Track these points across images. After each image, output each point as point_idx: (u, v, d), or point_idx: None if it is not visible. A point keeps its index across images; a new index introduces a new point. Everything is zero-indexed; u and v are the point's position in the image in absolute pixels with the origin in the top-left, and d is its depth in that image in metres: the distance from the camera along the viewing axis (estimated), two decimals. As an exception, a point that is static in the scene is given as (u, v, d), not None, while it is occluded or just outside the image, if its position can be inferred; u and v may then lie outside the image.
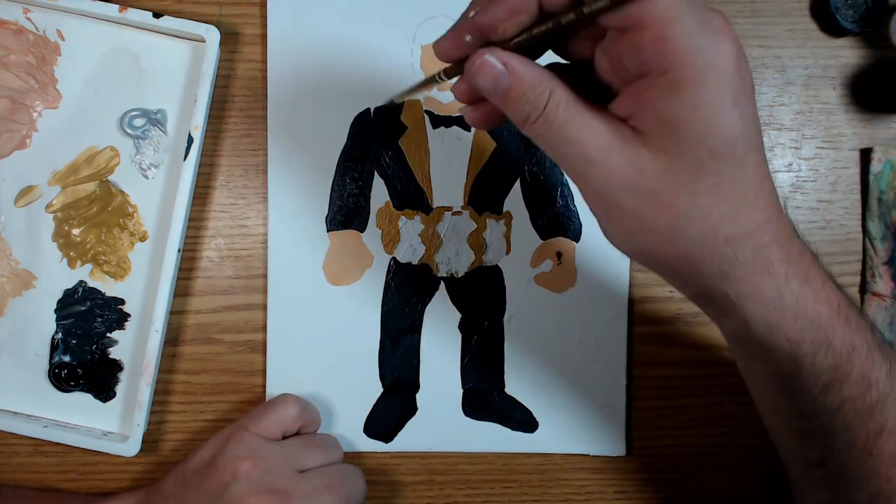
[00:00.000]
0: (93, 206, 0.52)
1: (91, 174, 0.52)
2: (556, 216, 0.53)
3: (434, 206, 0.53)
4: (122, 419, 0.52)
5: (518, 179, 0.53)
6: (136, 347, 0.52)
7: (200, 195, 0.53)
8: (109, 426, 0.52)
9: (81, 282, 0.52)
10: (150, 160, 0.52)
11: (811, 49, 0.55)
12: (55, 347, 0.52)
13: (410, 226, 0.53)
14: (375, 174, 0.53)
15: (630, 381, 0.54)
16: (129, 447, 0.50)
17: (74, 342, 0.52)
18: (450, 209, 0.53)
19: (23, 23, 0.51)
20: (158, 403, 0.52)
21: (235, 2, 0.53)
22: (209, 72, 0.50)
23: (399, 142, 0.53)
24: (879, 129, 0.55)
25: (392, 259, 0.53)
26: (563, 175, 0.53)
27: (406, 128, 0.53)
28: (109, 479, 0.53)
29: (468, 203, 0.53)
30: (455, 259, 0.53)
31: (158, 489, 0.49)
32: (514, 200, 0.53)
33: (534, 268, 0.53)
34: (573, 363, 0.53)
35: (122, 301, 0.52)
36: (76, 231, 0.52)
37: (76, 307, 0.52)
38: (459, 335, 0.53)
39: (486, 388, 0.53)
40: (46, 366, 0.52)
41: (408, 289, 0.53)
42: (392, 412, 0.53)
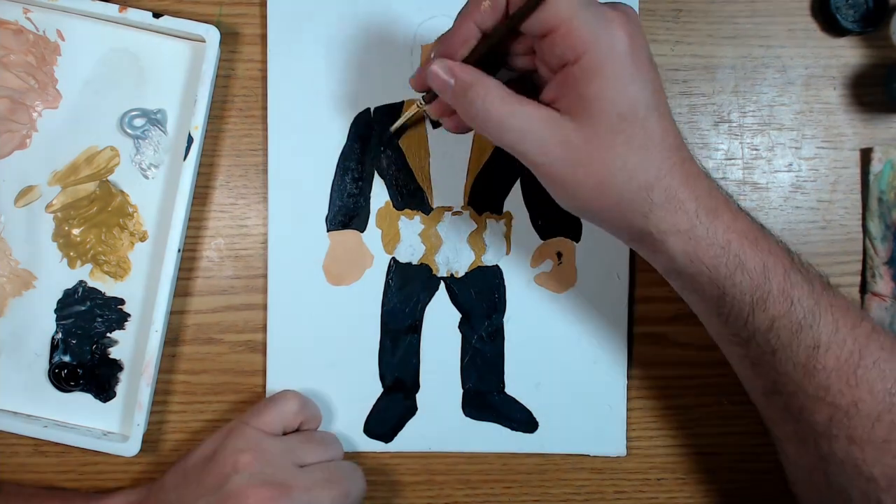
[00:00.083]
0: (93, 206, 0.52)
1: (91, 174, 0.52)
2: (556, 216, 0.53)
3: (434, 206, 0.53)
4: (122, 419, 0.52)
5: (518, 179, 0.53)
6: (136, 347, 0.52)
7: (200, 195, 0.53)
8: (109, 426, 0.52)
9: (81, 282, 0.52)
10: (150, 160, 0.52)
11: (812, 49, 0.55)
12: (55, 347, 0.52)
13: (410, 226, 0.53)
14: (375, 174, 0.53)
15: (631, 378, 0.54)
16: (129, 447, 0.50)
17: (74, 342, 0.52)
18: (450, 209, 0.53)
19: (23, 23, 0.51)
20: (158, 403, 0.52)
21: (235, 2, 0.53)
22: (209, 72, 0.50)
23: (399, 142, 0.53)
24: (880, 129, 0.55)
25: (392, 259, 0.53)
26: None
27: (406, 128, 0.53)
28: (109, 479, 0.53)
29: (468, 203, 0.53)
30: (455, 259, 0.53)
31: (159, 485, 0.49)
32: (514, 200, 0.53)
33: (534, 268, 0.53)
34: (573, 363, 0.53)
35: (122, 301, 0.52)
36: (76, 231, 0.52)
37: (76, 307, 0.52)
38: (459, 335, 0.53)
39: (486, 388, 0.53)
40: (46, 366, 0.52)
41: (408, 289, 0.53)
42: (392, 412, 0.53)
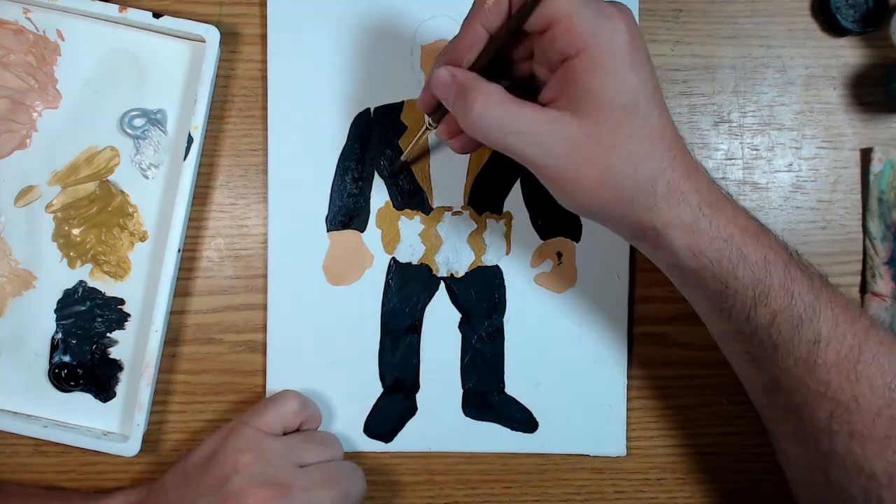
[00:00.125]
0: (93, 206, 0.52)
1: (91, 174, 0.52)
2: (556, 216, 0.53)
3: (434, 206, 0.53)
4: (122, 419, 0.52)
5: (518, 179, 0.53)
6: (136, 347, 0.52)
7: (200, 195, 0.53)
8: (109, 426, 0.52)
9: (81, 282, 0.52)
10: (150, 160, 0.52)
11: (812, 49, 0.55)
12: (55, 347, 0.52)
13: (410, 226, 0.53)
14: (375, 174, 0.53)
15: (631, 378, 0.54)
16: (129, 447, 0.50)
17: (74, 342, 0.52)
18: (450, 209, 0.53)
19: (23, 23, 0.51)
20: (158, 403, 0.52)
21: (235, 2, 0.53)
22: (209, 72, 0.50)
23: (399, 142, 0.53)
24: (880, 129, 0.55)
25: (392, 259, 0.53)
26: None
27: (406, 127, 0.53)
28: (109, 479, 0.53)
29: (468, 203, 0.53)
30: (455, 259, 0.53)
31: (159, 485, 0.49)
32: (514, 200, 0.53)
33: (534, 268, 0.53)
34: (573, 363, 0.53)
35: (122, 301, 0.52)
36: (76, 231, 0.52)
37: (76, 307, 0.52)
38: (459, 335, 0.53)
39: (486, 388, 0.53)
40: (46, 366, 0.52)
41: (408, 289, 0.53)
42: (392, 412, 0.53)
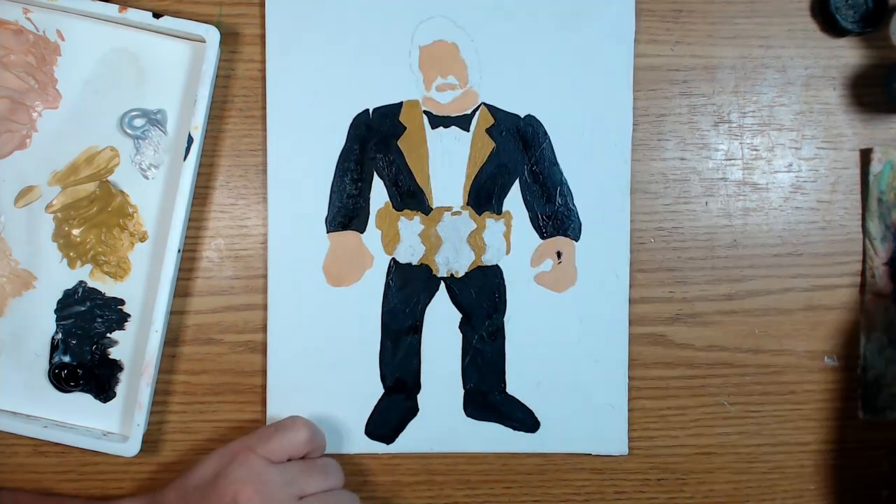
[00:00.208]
0: (93, 207, 0.52)
1: (91, 174, 0.52)
2: (556, 215, 0.53)
3: (433, 207, 0.53)
4: (122, 419, 0.52)
5: (517, 179, 0.53)
6: (136, 347, 0.52)
7: (200, 195, 0.53)
8: (109, 426, 0.52)
9: (81, 282, 0.52)
10: (150, 160, 0.52)
11: (811, 49, 0.55)
12: (55, 347, 0.52)
13: (410, 226, 0.53)
14: (375, 175, 0.53)
15: (631, 379, 0.54)
16: (129, 447, 0.50)
17: (74, 342, 0.52)
18: (449, 209, 0.53)
19: (23, 23, 0.51)
20: (158, 403, 0.52)
21: (235, 2, 0.53)
22: (209, 72, 0.50)
23: (398, 142, 0.53)
24: (879, 130, 0.55)
25: (392, 260, 0.53)
26: (563, 174, 0.53)
27: (405, 128, 0.53)
28: (109, 480, 0.53)
29: (468, 203, 0.53)
30: (455, 259, 0.53)
31: (159, 499, 0.49)
32: (514, 200, 0.53)
33: (534, 267, 0.53)
34: (574, 362, 0.53)
35: (122, 301, 0.52)
36: (76, 231, 0.52)
37: (76, 307, 0.52)
38: (460, 335, 0.53)
39: (487, 389, 0.53)
40: (46, 366, 0.52)
41: (408, 289, 0.53)
42: (393, 413, 0.53)
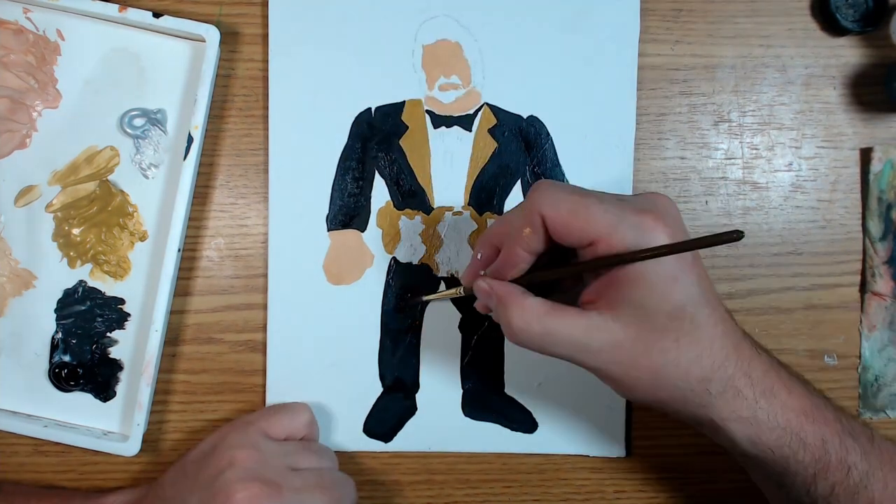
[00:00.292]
0: (93, 206, 0.52)
1: (91, 174, 0.52)
2: (557, 216, 0.53)
3: (435, 206, 0.53)
4: (122, 419, 0.52)
5: (518, 180, 0.53)
6: (136, 347, 0.52)
7: (200, 195, 0.53)
8: (109, 426, 0.52)
9: (81, 281, 0.52)
10: (150, 160, 0.52)
11: (811, 48, 0.55)
12: (55, 347, 0.52)
13: (411, 225, 0.53)
14: (376, 174, 0.53)
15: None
16: (129, 447, 0.50)
17: (74, 342, 0.52)
18: (450, 209, 0.53)
19: (23, 23, 0.51)
20: (158, 403, 0.52)
21: (235, 1, 0.53)
22: (209, 72, 0.50)
23: (400, 141, 0.53)
24: (880, 129, 0.55)
25: (392, 259, 0.53)
26: (564, 176, 0.53)
27: (407, 127, 0.53)
28: (109, 479, 0.53)
29: (469, 203, 0.53)
30: (456, 259, 0.53)
31: (159, 481, 0.49)
32: (515, 200, 0.53)
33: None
34: (573, 365, 0.53)
35: (122, 301, 0.52)
36: (76, 231, 0.52)
37: (76, 307, 0.52)
38: (459, 335, 0.53)
39: (486, 389, 0.53)
40: (46, 366, 0.52)
41: (408, 288, 0.53)
42: (392, 412, 0.53)
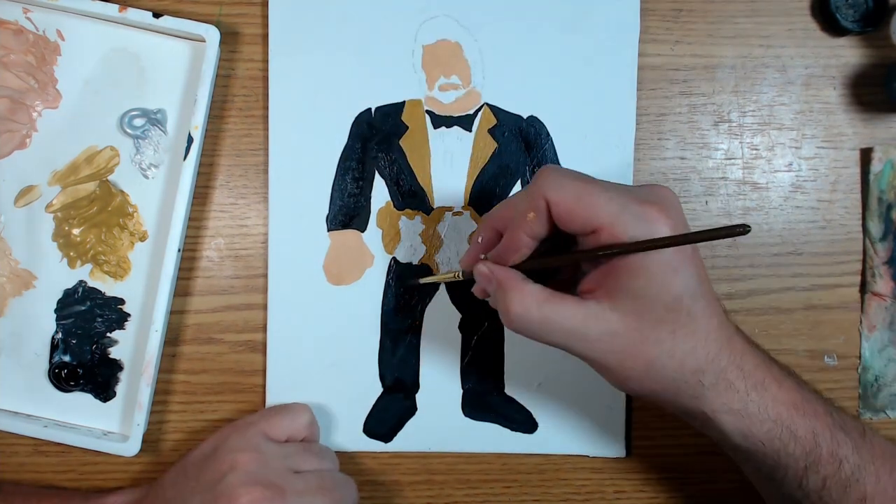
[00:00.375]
0: (93, 206, 0.52)
1: (91, 174, 0.52)
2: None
3: (435, 207, 0.53)
4: (122, 419, 0.52)
5: (518, 180, 0.53)
6: (136, 347, 0.52)
7: (200, 195, 0.53)
8: (109, 426, 0.52)
9: (81, 282, 0.52)
10: (150, 160, 0.52)
11: (811, 49, 0.55)
12: (55, 347, 0.52)
13: (411, 226, 0.53)
14: (376, 174, 0.53)
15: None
16: (129, 447, 0.50)
17: (74, 342, 0.52)
18: (450, 209, 0.53)
19: (23, 23, 0.51)
20: (158, 403, 0.52)
21: (235, 1, 0.53)
22: (209, 72, 0.50)
23: (400, 142, 0.53)
24: (880, 129, 0.55)
25: (392, 259, 0.53)
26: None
27: (407, 128, 0.53)
28: (109, 479, 0.53)
29: (469, 203, 0.53)
30: (456, 259, 0.53)
31: (159, 482, 0.49)
32: (515, 201, 0.53)
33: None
34: (573, 364, 0.53)
35: (122, 301, 0.52)
36: (76, 231, 0.52)
37: (76, 307, 0.52)
38: (459, 335, 0.53)
39: (486, 389, 0.53)
40: (46, 366, 0.52)
41: (408, 289, 0.53)
42: (392, 412, 0.53)
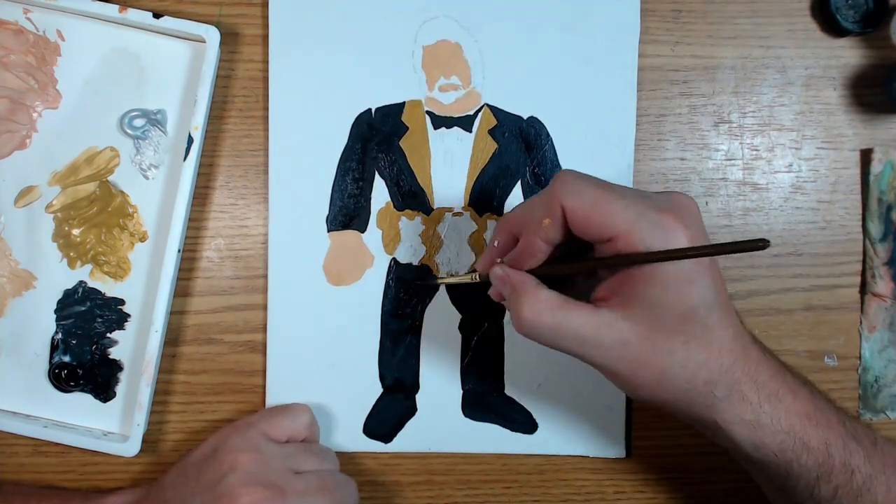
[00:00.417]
0: (93, 207, 0.52)
1: (91, 174, 0.52)
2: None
3: (435, 207, 0.53)
4: (122, 419, 0.52)
5: (519, 181, 0.53)
6: (136, 347, 0.52)
7: (200, 195, 0.53)
8: (109, 426, 0.52)
9: (81, 282, 0.52)
10: (150, 160, 0.52)
11: (811, 49, 0.55)
12: (55, 347, 0.52)
13: (411, 226, 0.53)
14: (376, 174, 0.53)
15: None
16: (129, 447, 0.50)
17: (74, 342, 0.52)
18: (450, 210, 0.53)
19: (23, 23, 0.51)
20: (158, 403, 0.52)
21: (235, 2, 0.53)
22: (209, 72, 0.50)
23: (400, 142, 0.53)
24: (880, 130, 0.55)
25: (392, 259, 0.53)
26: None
27: (407, 128, 0.53)
28: (109, 479, 0.53)
29: (469, 204, 0.53)
30: (455, 260, 0.53)
31: (159, 483, 0.49)
32: (516, 201, 0.53)
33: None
34: (573, 365, 0.53)
35: (122, 301, 0.52)
36: (76, 231, 0.52)
37: (76, 307, 0.52)
38: (459, 336, 0.53)
39: (486, 389, 0.53)
40: (46, 366, 0.52)
41: (408, 289, 0.53)
42: (392, 412, 0.53)
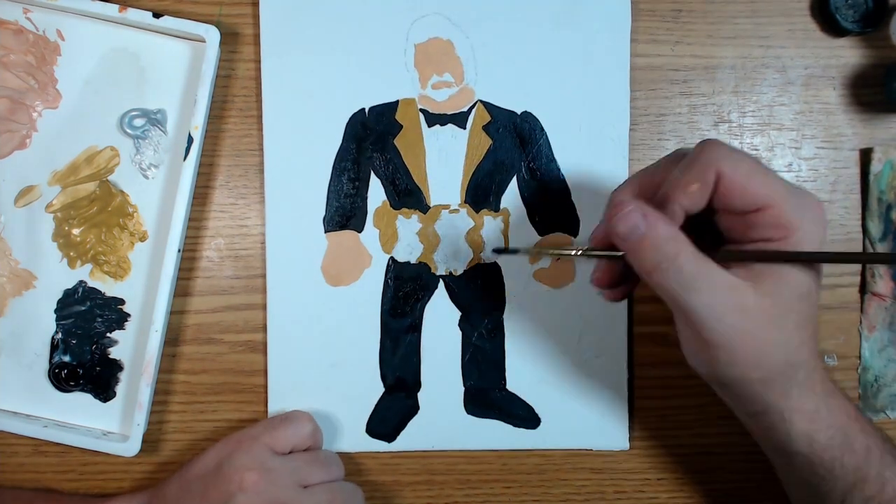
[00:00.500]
0: (93, 206, 0.52)
1: (91, 174, 0.52)
2: (553, 211, 0.53)
3: (431, 205, 0.53)
4: (122, 419, 0.52)
5: (515, 176, 0.53)
6: (136, 347, 0.52)
7: (200, 195, 0.53)
8: (109, 426, 0.52)
9: (81, 282, 0.52)
10: (150, 160, 0.52)
11: (811, 49, 0.55)
12: (55, 347, 0.52)
13: (408, 225, 0.53)
14: (372, 174, 0.53)
15: (631, 378, 0.54)
16: (129, 447, 0.50)
17: (74, 342, 0.52)
18: (447, 207, 0.53)
19: (23, 23, 0.51)
20: (158, 403, 0.52)
21: (235, 2, 0.53)
22: (209, 72, 0.50)
23: (395, 141, 0.53)
24: (879, 129, 0.55)
25: (390, 258, 0.53)
26: (560, 171, 0.53)
27: (401, 127, 0.53)
28: (109, 479, 0.53)
29: (465, 201, 0.53)
30: (453, 257, 0.53)
31: (160, 493, 0.49)
32: (511, 197, 0.53)
33: (532, 264, 0.53)
34: (574, 358, 0.53)
35: (122, 301, 0.52)
36: (76, 231, 0.52)
37: (76, 307, 0.52)
38: (460, 333, 0.53)
39: (488, 386, 0.53)
40: (46, 366, 0.52)
41: (407, 287, 0.53)
42: (394, 412, 0.53)
